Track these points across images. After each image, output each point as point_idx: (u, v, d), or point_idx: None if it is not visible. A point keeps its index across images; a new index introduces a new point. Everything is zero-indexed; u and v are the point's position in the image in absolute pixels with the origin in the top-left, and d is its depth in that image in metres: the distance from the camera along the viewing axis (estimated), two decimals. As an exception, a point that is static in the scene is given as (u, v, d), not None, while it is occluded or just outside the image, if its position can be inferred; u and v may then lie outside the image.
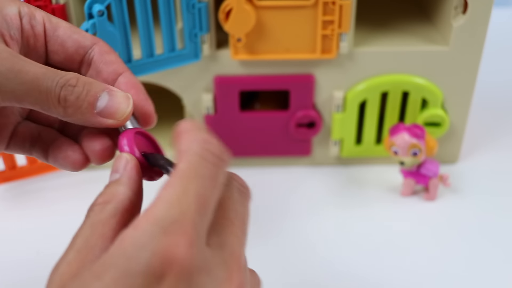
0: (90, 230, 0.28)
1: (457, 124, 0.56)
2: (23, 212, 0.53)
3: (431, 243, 0.49)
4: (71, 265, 0.26)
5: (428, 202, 0.54)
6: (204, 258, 0.23)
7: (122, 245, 0.23)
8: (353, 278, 0.46)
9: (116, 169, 0.31)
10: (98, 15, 0.43)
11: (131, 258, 0.22)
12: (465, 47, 0.52)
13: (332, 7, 0.48)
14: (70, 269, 0.26)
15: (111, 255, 0.23)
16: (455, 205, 0.53)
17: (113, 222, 0.28)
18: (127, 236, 0.23)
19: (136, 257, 0.22)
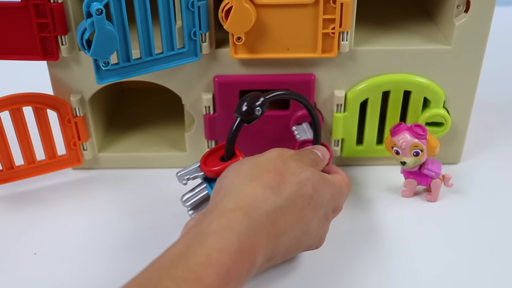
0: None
1: (459, 124, 0.56)
2: (21, 212, 0.53)
3: (433, 244, 0.49)
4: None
5: (430, 202, 0.53)
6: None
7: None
8: (353, 278, 0.45)
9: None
10: (97, 13, 0.43)
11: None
12: (467, 46, 0.51)
13: (333, 6, 0.48)
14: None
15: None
16: (457, 206, 0.53)
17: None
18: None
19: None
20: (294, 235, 0.41)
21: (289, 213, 0.40)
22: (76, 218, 0.52)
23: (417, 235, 0.50)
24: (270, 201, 0.40)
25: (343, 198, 0.46)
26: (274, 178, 0.41)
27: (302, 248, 0.44)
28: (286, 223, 0.40)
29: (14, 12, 0.48)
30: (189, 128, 0.57)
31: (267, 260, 0.40)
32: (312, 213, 0.42)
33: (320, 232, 0.44)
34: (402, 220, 0.51)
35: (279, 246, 0.40)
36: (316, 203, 0.42)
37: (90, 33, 0.44)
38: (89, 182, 0.57)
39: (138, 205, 0.54)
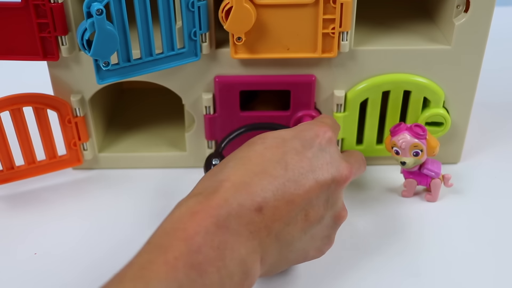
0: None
1: (459, 124, 0.56)
2: (21, 213, 0.53)
3: (433, 244, 0.49)
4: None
5: (430, 203, 0.53)
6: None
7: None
8: (353, 278, 0.45)
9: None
10: (97, 14, 0.43)
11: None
12: (467, 46, 0.51)
13: (333, 6, 0.48)
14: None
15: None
16: (457, 206, 0.53)
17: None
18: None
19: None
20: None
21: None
22: (76, 218, 0.52)
23: (416, 235, 0.50)
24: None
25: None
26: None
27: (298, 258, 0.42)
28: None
29: (14, 12, 0.48)
30: (189, 128, 0.57)
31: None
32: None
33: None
34: (402, 220, 0.51)
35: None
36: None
37: (90, 34, 0.44)
38: (89, 182, 0.57)
39: (138, 205, 0.54)
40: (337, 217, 0.42)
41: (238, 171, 0.37)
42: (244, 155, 0.39)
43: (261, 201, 0.36)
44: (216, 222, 0.34)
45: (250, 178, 0.36)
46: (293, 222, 0.38)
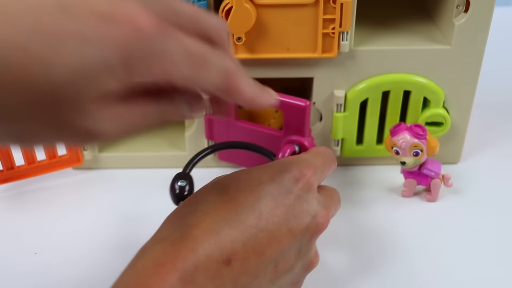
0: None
1: (459, 124, 0.56)
2: (21, 212, 0.53)
3: (433, 244, 0.49)
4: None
5: (430, 202, 0.53)
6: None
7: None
8: (353, 278, 0.45)
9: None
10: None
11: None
12: (467, 46, 0.51)
13: (333, 6, 0.48)
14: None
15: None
16: (457, 206, 0.53)
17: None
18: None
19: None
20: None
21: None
22: (76, 218, 0.52)
23: (416, 235, 0.50)
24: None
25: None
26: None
27: None
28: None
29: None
30: (189, 128, 0.57)
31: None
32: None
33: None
34: (402, 220, 0.51)
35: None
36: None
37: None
38: (89, 182, 0.57)
39: (138, 205, 0.54)
40: (308, 265, 0.38)
41: (208, 217, 0.33)
42: (216, 198, 0.35)
43: (230, 253, 0.32)
44: (182, 277, 0.31)
45: (221, 227, 0.33)
46: (261, 274, 0.34)
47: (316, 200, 0.37)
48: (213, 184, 0.37)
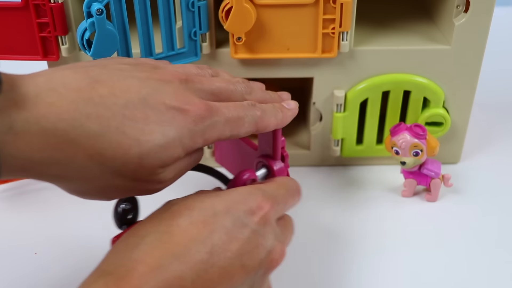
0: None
1: (459, 124, 0.56)
2: (21, 212, 0.53)
3: (433, 244, 0.49)
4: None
5: (430, 202, 0.53)
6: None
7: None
8: (353, 278, 0.45)
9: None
10: (97, 14, 0.43)
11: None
12: (467, 46, 0.51)
13: (333, 6, 0.48)
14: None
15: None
16: (457, 205, 0.53)
17: None
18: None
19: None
20: None
21: None
22: (76, 218, 0.52)
23: (416, 235, 0.50)
24: None
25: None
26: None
27: None
28: None
29: (14, 12, 0.48)
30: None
31: None
32: None
33: None
34: (402, 220, 0.51)
35: None
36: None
37: (90, 33, 0.44)
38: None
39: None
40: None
41: (156, 251, 0.31)
42: (166, 229, 0.33)
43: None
44: None
45: (169, 262, 0.31)
46: None
47: (272, 234, 0.35)
48: (164, 211, 0.35)
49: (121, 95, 0.32)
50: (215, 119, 0.35)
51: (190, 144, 0.34)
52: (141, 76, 0.35)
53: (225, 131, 0.36)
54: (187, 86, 0.36)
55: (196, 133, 0.34)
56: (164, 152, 0.33)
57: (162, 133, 0.33)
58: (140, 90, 0.33)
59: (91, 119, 0.31)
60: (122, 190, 0.35)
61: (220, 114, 0.35)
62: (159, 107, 0.33)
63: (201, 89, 0.36)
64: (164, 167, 0.34)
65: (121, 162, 0.32)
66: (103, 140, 0.31)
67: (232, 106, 0.37)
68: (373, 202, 0.54)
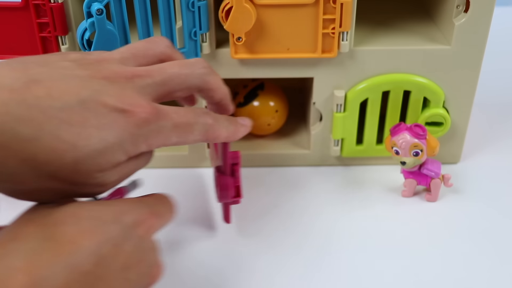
0: None
1: (459, 124, 0.56)
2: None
3: (433, 244, 0.49)
4: None
5: (430, 202, 0.53)
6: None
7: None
8: (353, 278, 0.45)
9: None
10: (97, 14, 0.43)
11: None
12: (467, 46, 0.51)
13: (333, 6, 0.48)
14: None
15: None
16: (457, 206, 0.53)
17: None
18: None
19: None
20: None
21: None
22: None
23: (416, 235, 0.50)
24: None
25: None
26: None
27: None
28: None
29: (14, 12, 0.48)
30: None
31: None
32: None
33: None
34: (402, 220, 0.51)
35: None
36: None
37: (90, 33, 0.44)
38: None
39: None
40: None
41: (38, 260, 0.29)
42: (50, 236, 0.30)
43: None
44: None
45: (52, 273, 0.28)
46: None
47: (153, 249, 0.34)
48: (43, 216, 0.32)
49: (58, 97, 0.30)
50: (161, 123, 0.33)
51: (132, 149, 0.33)
52: (83, 75, 0.32)
53: (171, 137, 0.34)
54: (134, 84, 0.34)
55: (138, 137, 0.33)
56: (102, 157, 0.31)
57: (100, 137, 0.31)
58: (80, 92, 0.31)
59: (23, 122, 0.29)
60: (60, 192, 0.32)
61: (167, 119, 0.34)
62: (99, 109, 0.31)
63: (150, 84, 0.34)
64: (103, 171, 0.32)
65: (56, 167, 0.30)
66: (36, 144, 0.30)
67: (183, 111, 0.35)
68: (373, 202, 0.54)
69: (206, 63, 0.38)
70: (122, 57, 0.36)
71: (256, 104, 0.58)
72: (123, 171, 0.34)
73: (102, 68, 0.34)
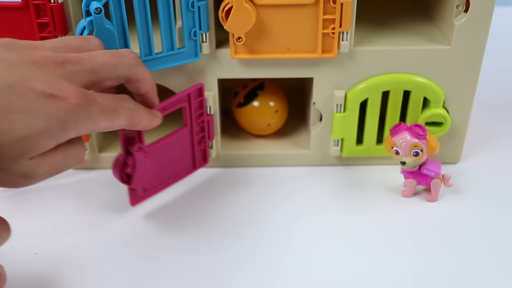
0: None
1: (459, 124, 0.56)
2: (21, 212, 0.53)
3: (432, 243, 0.49)
4: None
5: (430, 203, 0.53)
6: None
7: None
8: (353, 278, 0.45)
9: None
10: (96, 12, 0.43)
11: None
12: (467, 46, 0.51)
13: (333, 6, 0.48)
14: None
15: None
16: (457, 206, 0.53)
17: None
18: None
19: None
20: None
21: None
22: (76, 218, 0.52)
23: (416, 235, 0.50)
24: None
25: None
26: None
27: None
28: None
29: (14, 12, 0.48)
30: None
31: None
32: None
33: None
34: (402, 220, 0.51)
35: None
36: None
37: (89, 32, 0.44)
38: (90, 182, 0.57)
39: (138, 205, 0.54)
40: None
41: None
42: None
43: None
44: None
45: None
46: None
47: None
48: None
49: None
50: (90, 108, 0.34)
51: (61, 135, 0.33)
52: (12, 58, 0.32)
53: (100, 121, 0.35)
54: (64, 70, 0.34)
55: (68, 123, 0.33)
56: (27, 143, 0.31)
57: (25, 122, 0.31)
58: (8, 76, 0.31)
59: None
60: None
61: (96, 104, 0.34)
62: (27, 94, 0.31)
63: (80, 71, 0.35)
64: (30, 158, 0.32)
65: None
66: None
67: (108, 97, 0.36)
68: (373, 202, 0.54)
69: (134, 54, 0.39)
70: (53, 46, 0.36)
71: (256, 104, 0.58)
72: (52, 162, 0.33)
73: (32, 53, 0.34)
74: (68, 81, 0.33)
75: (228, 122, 0.62)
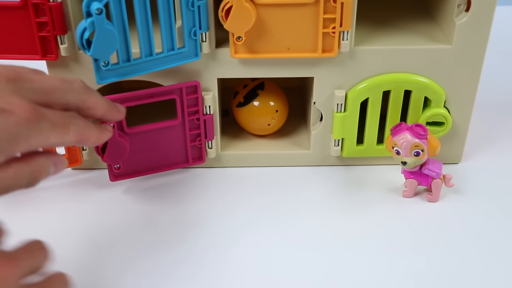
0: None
1: (460, 124, 0.56)
2: (21, 212, 0.53)
3: (433, 244, 0.49)
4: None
5: (431, 203, 0.53)
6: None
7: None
8: (354, 279, 0.45)
9: None
10: (97, 13, 0.43)
11: None
12: (468, 46, 0.51)
13: (333, 5, 0.48)
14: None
15: None
16: (458, 206, 0.53)
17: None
18: None
19: None
20: None
21: None
22: (76, 218, 0.52)
23: (417, 235, 0.49)
24: None
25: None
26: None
27: None
28: None
29: (13, 11, 0.48)
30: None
31: None
32: None
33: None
34: (403, 220, 0.51)
35: None
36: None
37: (90, 33, 0.44)
38: (89, 182, 0.57)
39: (137, 205, 0.54)
40: None
41: None
42: None
43: None
44: None
45: None
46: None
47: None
48: None
49: None
50: (41, 123, 0.34)
51: (11, 149, 0.32)
52: None
53: (50, 137, 0.35)
54: (15, 85, 0.34)
55: (18, 137, 0.33)
56: None
57: None
58: None
59: None
60: None
61: (46, 119, 0.34)
62: None
63: (31, 88, 0.35)
64: None
65: None
66: None
67: (58, 113, 0.36)
68: (373, 202, 0.53)
69: (83, 83, 0.40)
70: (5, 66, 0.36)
71: (256, 104, 0.58)
72: (1, 178, 0.33)
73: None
74: (19, 96, 0.34)
75: (228, 122, 0.62)
